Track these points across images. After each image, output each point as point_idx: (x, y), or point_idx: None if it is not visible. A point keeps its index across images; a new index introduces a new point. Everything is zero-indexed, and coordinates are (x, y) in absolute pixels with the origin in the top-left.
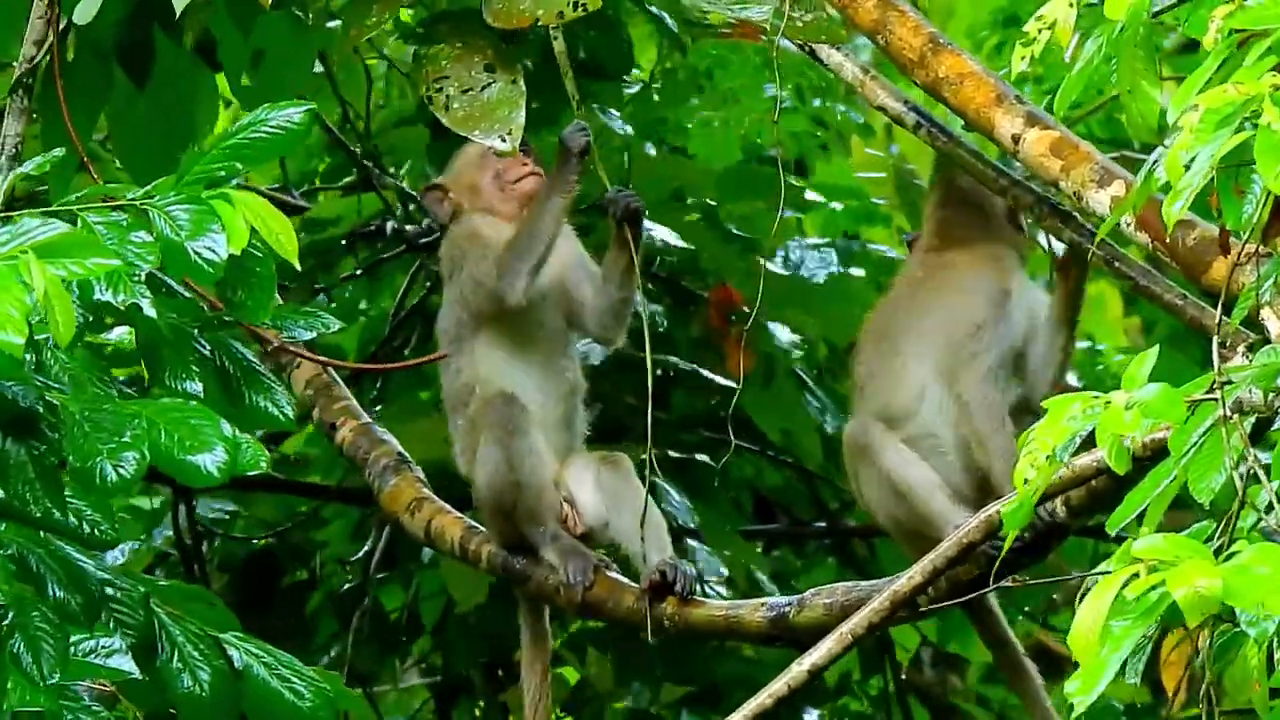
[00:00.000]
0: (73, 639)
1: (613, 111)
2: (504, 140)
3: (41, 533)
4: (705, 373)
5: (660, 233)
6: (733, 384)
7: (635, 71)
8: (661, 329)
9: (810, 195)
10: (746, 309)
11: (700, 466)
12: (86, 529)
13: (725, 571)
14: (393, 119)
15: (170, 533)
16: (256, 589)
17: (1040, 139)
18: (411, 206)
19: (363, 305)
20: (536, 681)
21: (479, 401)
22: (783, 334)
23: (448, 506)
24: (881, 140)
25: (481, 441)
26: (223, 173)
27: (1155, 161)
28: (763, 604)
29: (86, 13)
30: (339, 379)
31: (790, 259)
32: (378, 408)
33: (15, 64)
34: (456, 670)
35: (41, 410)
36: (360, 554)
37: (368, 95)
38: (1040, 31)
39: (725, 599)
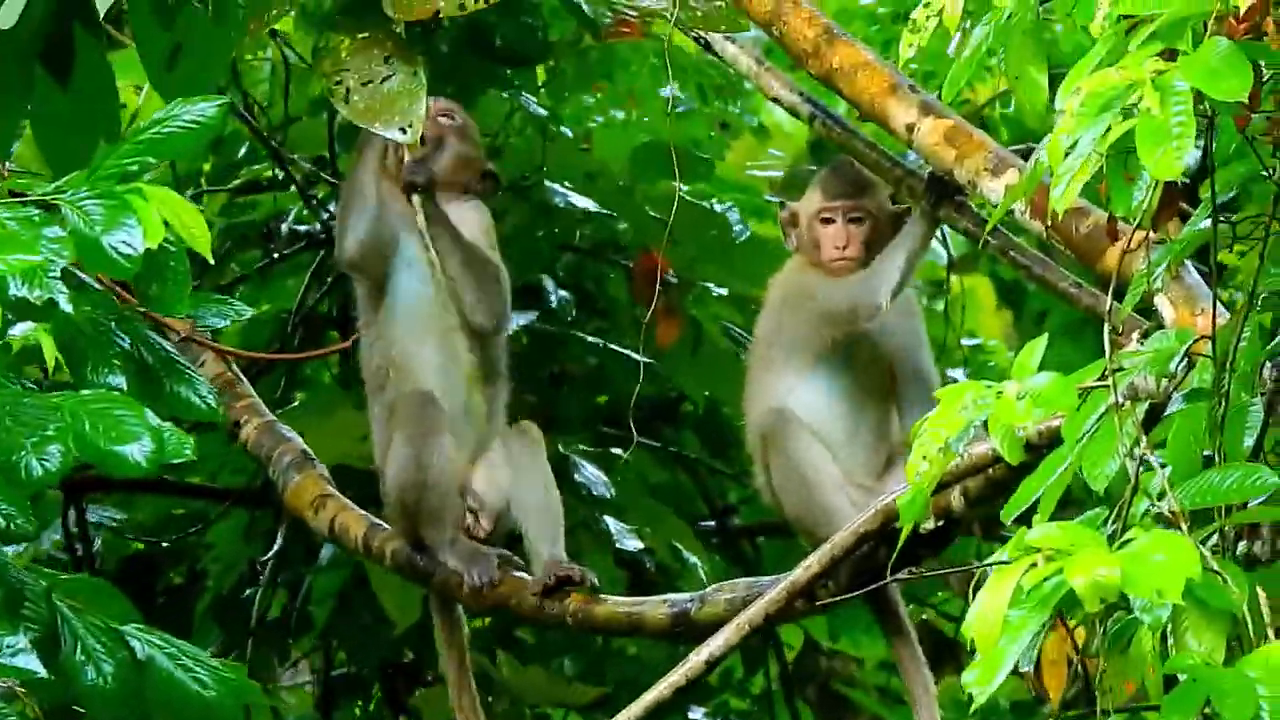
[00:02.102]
0: None
1: (529, 96)
2: (404, 132)
3: None
4: (614, 349)
5: (581, 201)
6: (650, 360)
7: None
8: (570, 317)
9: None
10: (673, 277)
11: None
12: (2, 523)
13: (640, 544)
14: (293, 113)
15: (58, 536)
16: (134, 593)
17: (935, 128)
18: (315, 202)
19: (264, 306)
20: (455, 671)
21: (395, 394)
22: (714, 290)
23: (351, 504)
24: (785, 140)
25: (394, 439)
26: (135, 167)
27: (1042, 148)
28: (665, 600)
29: (8, 18)
30: (243, 377)
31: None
32: (278, 411)
33: None
34: (358, 668)
35: None
36: (268, 562)
37: (286, 84)
38: (928, 19)
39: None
